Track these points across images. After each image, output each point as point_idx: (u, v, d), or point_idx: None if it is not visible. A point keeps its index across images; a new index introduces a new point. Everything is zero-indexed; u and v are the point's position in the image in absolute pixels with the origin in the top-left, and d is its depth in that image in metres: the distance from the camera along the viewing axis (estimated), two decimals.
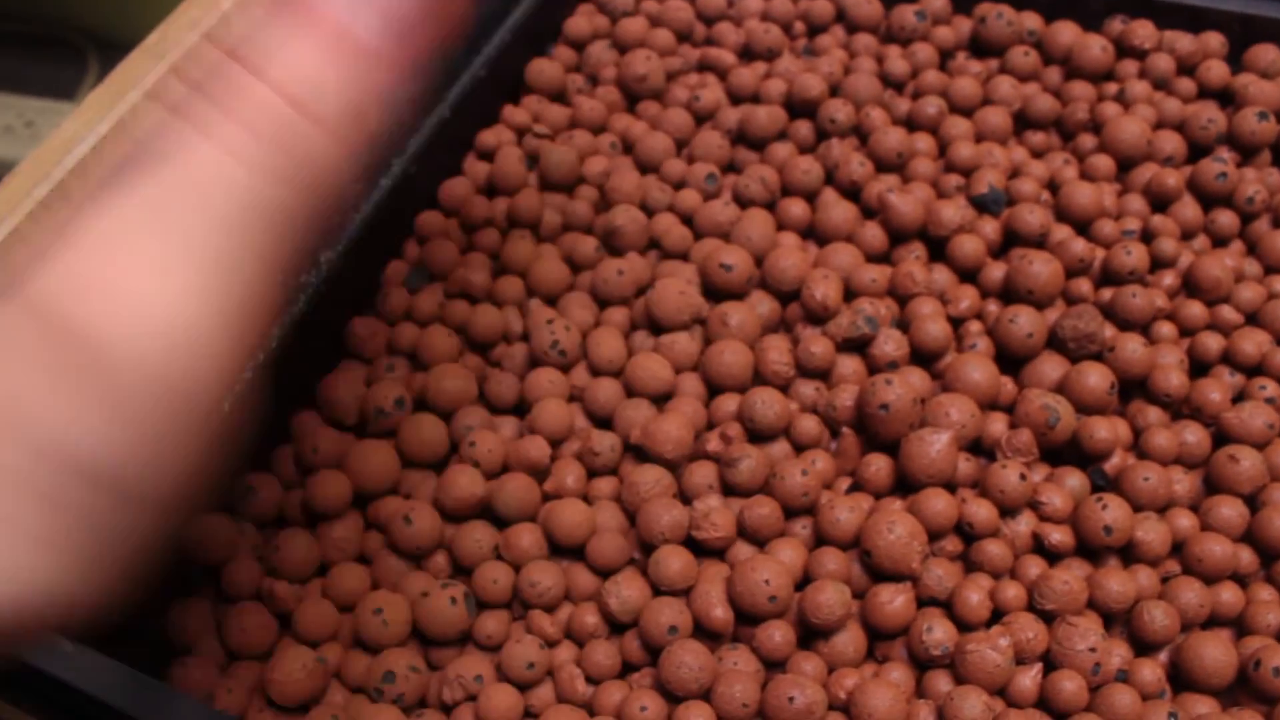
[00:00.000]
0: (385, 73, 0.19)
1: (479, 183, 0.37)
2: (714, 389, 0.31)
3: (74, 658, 0.24)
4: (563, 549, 0.29)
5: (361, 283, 0.34)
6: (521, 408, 0.32)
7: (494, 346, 0.33)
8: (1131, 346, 0.30)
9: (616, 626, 0.28)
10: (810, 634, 0.27)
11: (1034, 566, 0.27)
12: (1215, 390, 0.30)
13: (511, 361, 0.32)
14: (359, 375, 0.33)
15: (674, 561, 0.27)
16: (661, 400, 0.31)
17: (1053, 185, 0.35)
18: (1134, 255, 0.32)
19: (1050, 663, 0.26)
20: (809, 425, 0.30)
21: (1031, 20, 0.39)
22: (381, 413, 0.31)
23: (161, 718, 0.23)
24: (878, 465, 0.29)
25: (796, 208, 0.35)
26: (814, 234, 0.35)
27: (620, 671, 0.27)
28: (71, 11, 0.70)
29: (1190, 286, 0.32)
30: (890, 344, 0.31)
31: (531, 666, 0.27)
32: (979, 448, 0.30)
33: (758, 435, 0.30)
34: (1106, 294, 0.32)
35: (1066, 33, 0.38)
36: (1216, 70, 0.37)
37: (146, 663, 0.25)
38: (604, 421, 0.31)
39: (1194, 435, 0.30)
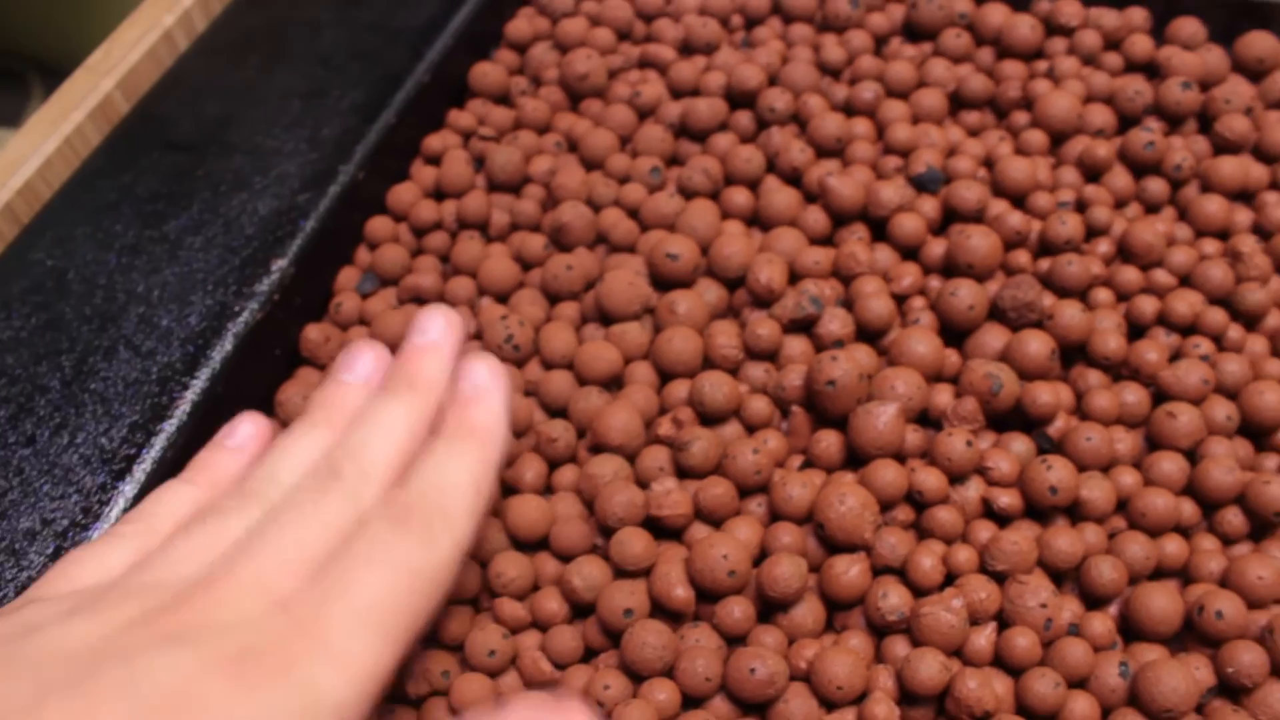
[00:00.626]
0: None
1: (427, 187, 0.37)
2: (665, 376, 0.32)
3: None
4: (523, 546, 0.29)
5: (313, 290, 0.35)
6: None
7: None
8: (1070, 313, 0.31)
9: (580, 610, 0.28)
10: (769, 608, 0.27)
11: (984, 530, 0.28)
12: (1152, 351, 0.31)
13: None
14: (314, 382, 0.33)
15: (635, 543, 0.28)
16: (612, 385, 0.31)
17: (989, 162, 0.36)
18: (1069, 225, 0.33)
19: (1004, 621, 0.27)
20: (759, 406, 0.31)
21: (962, 3, 0.40)
22: None
23: None
24: (828, 441, 0.30)
25: (740, 196, 0.35)
26: (758, 221, 0.35)
27: (584, 655, 0.28)
28: (12, 38, 0.70)
29: (1124, 252, 0.33)
30: (835, 323, 0.31)
31: (493, 654, 0.27)
32: (926, 418, 0.30)
33: (709, 418, 0.30)
34: (1044, 264, 0.33)
35: (996, 14, 0.39)
36: (1141, 44, 0.38)
37: None
38: (559, 414, 0.32)
39: (1134, 395, 0.30)
